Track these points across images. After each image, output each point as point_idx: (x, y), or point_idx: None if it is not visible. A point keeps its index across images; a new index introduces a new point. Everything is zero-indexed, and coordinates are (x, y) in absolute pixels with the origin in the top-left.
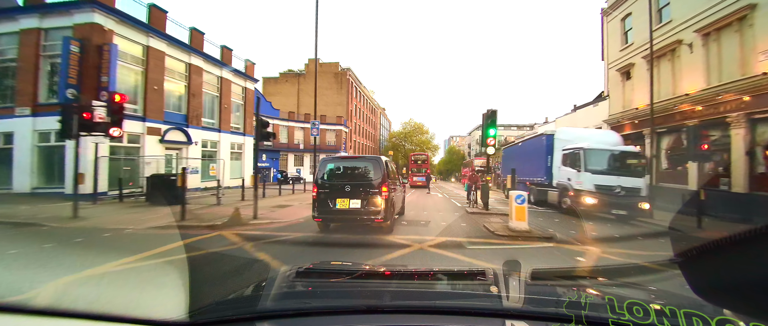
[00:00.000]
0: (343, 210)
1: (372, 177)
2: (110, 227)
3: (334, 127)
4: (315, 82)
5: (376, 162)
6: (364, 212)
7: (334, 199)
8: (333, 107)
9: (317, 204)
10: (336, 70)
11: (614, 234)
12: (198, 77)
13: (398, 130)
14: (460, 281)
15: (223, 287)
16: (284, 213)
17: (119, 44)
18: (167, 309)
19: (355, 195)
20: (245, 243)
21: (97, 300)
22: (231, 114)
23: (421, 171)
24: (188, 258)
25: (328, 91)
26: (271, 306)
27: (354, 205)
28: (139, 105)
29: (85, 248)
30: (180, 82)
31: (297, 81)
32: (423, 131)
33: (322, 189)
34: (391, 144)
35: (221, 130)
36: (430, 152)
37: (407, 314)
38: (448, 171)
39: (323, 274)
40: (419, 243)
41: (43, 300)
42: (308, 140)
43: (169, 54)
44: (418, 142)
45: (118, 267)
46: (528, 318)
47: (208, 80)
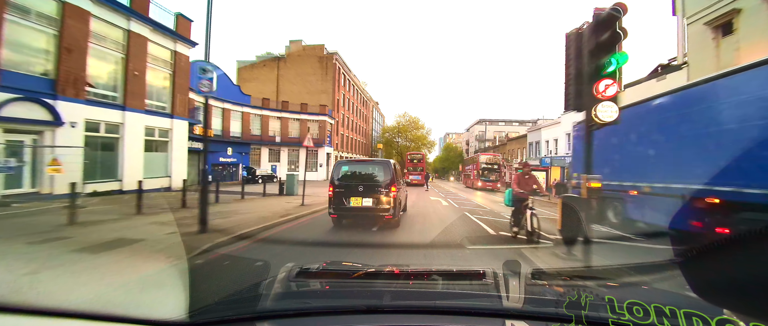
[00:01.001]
0: (356, 208)
1: (382, 178)
2: None
3: (317, 117)
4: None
5: (385, 164)
6: (375, 209)
7: (348, 198)
8: (317, 95)
9: (333, 201)
10: (321, 53)
11: None
12: (81, 25)
13: (392, 125)
14: (460, 281)
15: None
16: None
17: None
18: (167, 309)
19: (367, 194)
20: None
21: (97, 300)
22: (145, 86)
23: (418, 169)
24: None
25: (311, 77)
26: (272, 306)
27: (366, 203)
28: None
29: None
30: (42, 27)
31: (276, 66)
32: (419, 126)
33: (338, 188)
34: (385, 140)
35: (127, 108)
36: (427, 149)
37: (407, 314)
38: (444, 169)
39: (323, 274)
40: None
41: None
42: (286, 132)
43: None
44: (413, 137)
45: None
46: (528, 318)
47: (103, 32)
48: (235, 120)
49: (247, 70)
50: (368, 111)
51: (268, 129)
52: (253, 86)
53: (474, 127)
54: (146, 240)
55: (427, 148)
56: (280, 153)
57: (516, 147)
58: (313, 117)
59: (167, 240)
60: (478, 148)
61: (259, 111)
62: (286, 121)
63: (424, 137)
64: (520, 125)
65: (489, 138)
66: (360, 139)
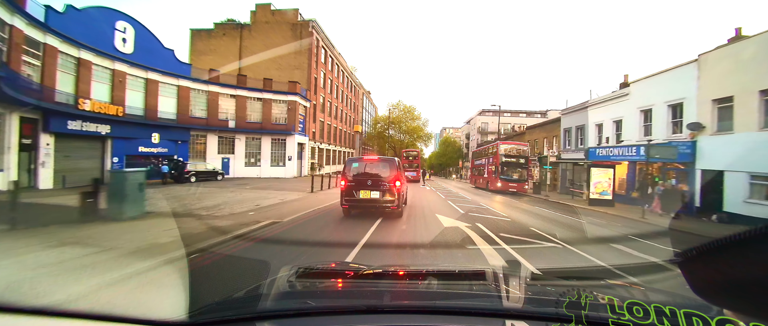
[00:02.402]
0: (366, 200)
1: (388, 174)
2: None
3: (285, 97)
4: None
5: (391, 162)
6: (382, 201)
7: (358, 191)
8: (288, 72)
9: (345, 194)
10: (294, 19)
11: None
12: None
13: (384, 115)
14: (461, 281)
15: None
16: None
17: None
18: (167, 310)
19: (375, 188)
20: None
21: (97, 300)
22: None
23: (413, 166)
24: None
25: (282, 49)
26: (272, 306)
27: (374, 195)
28: None
29: None
30: None
31: (239, 35)
32: (414, 116)
33: (350, 182)
34: (376, 132)
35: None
36: (423, 142)
37: (407, 314)
38: (440, 166)
39: (323, 274)
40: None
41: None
42: (244, 115)
43: None
44: (408, 129)
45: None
46: (528, 318)
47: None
48: (166, 96)
49: (202, 40)
50: (358, 99)
51: (218, 110)
52: (210, 60)
53: (476, 118)
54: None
55: (423, 141)
56: (234, 142)
57: (539, 136)
58: (280, 96)
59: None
60: (481, 142)
61: (204, 86)
62: (243, 101)
63: (419, 129)
64: (528, 116)
65: (492, 131)
66: (346, 130)
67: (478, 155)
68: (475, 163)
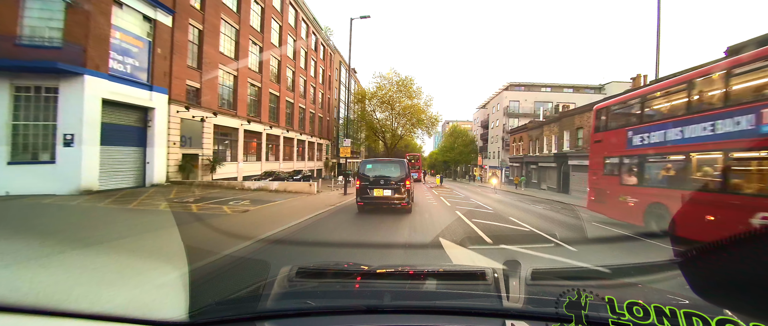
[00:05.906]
0: (379, 197)
1: (399, 173)
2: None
3: None
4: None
5: (401, 163)
6: (393, 199)
7: (372, 189)
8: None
9: (360, 192)
10: None
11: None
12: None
13: (370, 89)
14: (461, 281)
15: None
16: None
17: None
18: (167, 309)
19: (387, 186)
20: None
21: (98, 300)
22: None
23: (415, 167)
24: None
25: None
26: (272, 306)
27: (386, 193)
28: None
29: None
30: None
31: None
32: (412, 92)
33: (364, 181)
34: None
35: None
36: (425, 129)
37: (407, 314)
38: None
39: (323, 274)
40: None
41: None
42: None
43: None
44: (404, 110)
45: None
46: (528, 318)
47: None
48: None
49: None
50: (329, 67)
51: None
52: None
53: (501, 95)
54: None
55: (425, 126)
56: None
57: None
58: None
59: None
60: (508, 128)
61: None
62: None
63: (420, 109)
64: (576, 92)
65: (525, 112)
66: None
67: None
68: (615, 152)
